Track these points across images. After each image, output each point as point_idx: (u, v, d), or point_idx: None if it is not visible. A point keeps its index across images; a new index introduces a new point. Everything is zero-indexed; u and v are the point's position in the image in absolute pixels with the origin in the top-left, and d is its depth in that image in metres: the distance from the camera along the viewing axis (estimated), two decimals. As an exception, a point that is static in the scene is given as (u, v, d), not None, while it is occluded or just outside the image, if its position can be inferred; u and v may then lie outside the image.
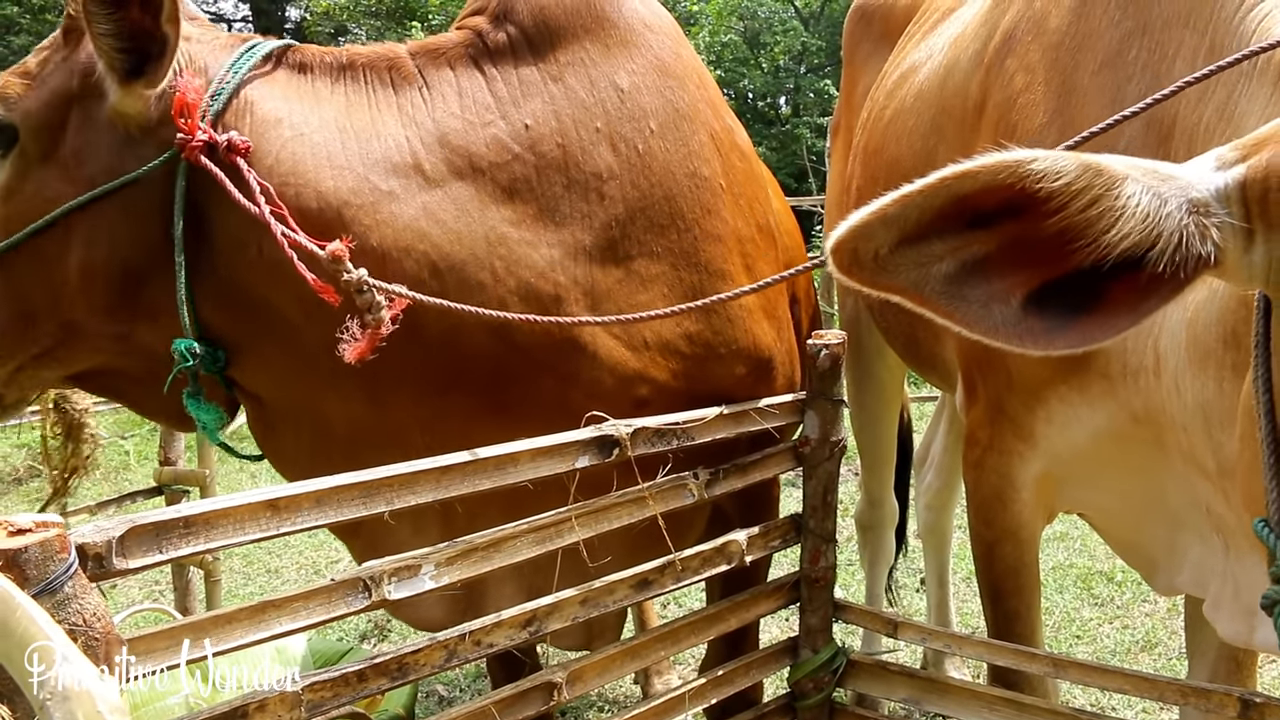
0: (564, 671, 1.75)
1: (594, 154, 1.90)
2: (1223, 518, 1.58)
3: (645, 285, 1.93)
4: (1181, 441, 1.58)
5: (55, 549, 1.10)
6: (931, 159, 2.36)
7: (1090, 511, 2.10)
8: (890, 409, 3.69)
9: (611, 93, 1.93)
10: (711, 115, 2.06)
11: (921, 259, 0.87)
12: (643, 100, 1.96)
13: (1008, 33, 2.02)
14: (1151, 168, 0.87)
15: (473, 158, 1.84)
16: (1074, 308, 0.89)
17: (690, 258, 1.96)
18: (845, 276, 0.87)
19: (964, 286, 0.89)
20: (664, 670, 3.73)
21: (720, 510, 2.11)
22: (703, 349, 1.99)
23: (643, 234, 1.92)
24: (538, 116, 1.89)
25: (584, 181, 1.89)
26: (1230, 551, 1.61)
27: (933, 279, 0.88)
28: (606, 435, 1.71)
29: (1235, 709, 1.69)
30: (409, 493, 1.50)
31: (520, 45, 1.93)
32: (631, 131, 1.93)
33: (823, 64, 23.90)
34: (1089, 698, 3.41)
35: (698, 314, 1.97)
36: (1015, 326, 0.89)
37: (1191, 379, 1.48)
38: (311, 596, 1.42)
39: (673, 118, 1.98)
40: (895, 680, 2.15)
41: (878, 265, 0.87)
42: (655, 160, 1.94)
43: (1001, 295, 0.89)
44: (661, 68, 2.00)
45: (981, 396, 2.04)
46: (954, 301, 0.89)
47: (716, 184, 2.01)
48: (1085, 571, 4.60)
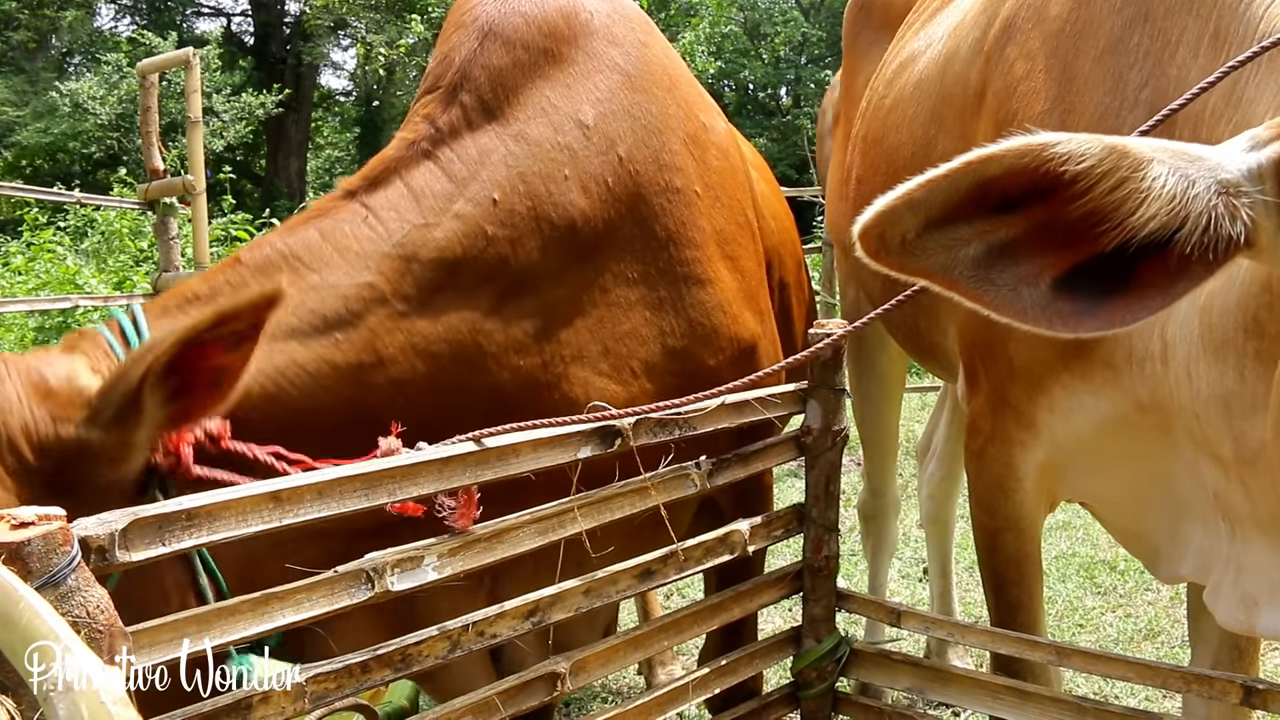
0: (567, 662, 1.75)
1: (565, 203, 1.86)
2: (1231, 503, 1.58)
3: (627, 313, 1.92)
4: (1192, 428, 1.57)
5: (58, 542, 1.10)
6: (931, 148, 2.35)
7: (1092, 500, 2.10)
8: (893, 399, 3.69)
9: (577, 132, 1.89)
10: (684, 117, 2.04)
11: (949, 243, 0.87)
12: (609, 128, 1.93)
13: (1008, 20, 2.02)
14: (1179, 149, 0.87)
15: (444, 263, 1.77)
16: (1103, 290, 0.89)
17: (668, 274, 1.96)
18: (874, 260, 0.87)
19: (992, 270, 0.88)
20: (667, 660, 3.74)
21: (709, 499, 2.11)
22: (691, 363, 1.99)
23: (616, 265, 1.91)
24: (503, 185, 1.82)
25: (558, 237, 1.86)
26: (1236, 536, 1.61)
27: (961, 263, 0.88)
28: (608, 426, 1.71)
29: (1238, 695, 1.70)
30: (411, 484, 1.50)
31: (475, 114, 1.87)
32: (600, 166, 1.90)
33: (823, 54, 23.86)
34: (1092, 686, 3.41)
35: (680, 327, 1.96)
36: (1044, 310, 0.89)
37: (1207, 367, 1.47)
38: (314, 588, 1.42)
39: (641, 135, 1.96)
40: (898, 669, 2.15)
41: (905, 249, 0.87)
42: (625, 188, 1.92)
43: (1030, 278, 0.89)
44: (628, 84, 1.97)
45: (983, 386, 2.04)
46: (982, 285, 0.89)
47: (691, 192, 2.00)
48: (1088, 560, 4.60)
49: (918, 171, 2.41)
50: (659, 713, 1.91)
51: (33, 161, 21.20)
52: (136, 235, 13.16)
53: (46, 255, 12.45)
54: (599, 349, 1.89)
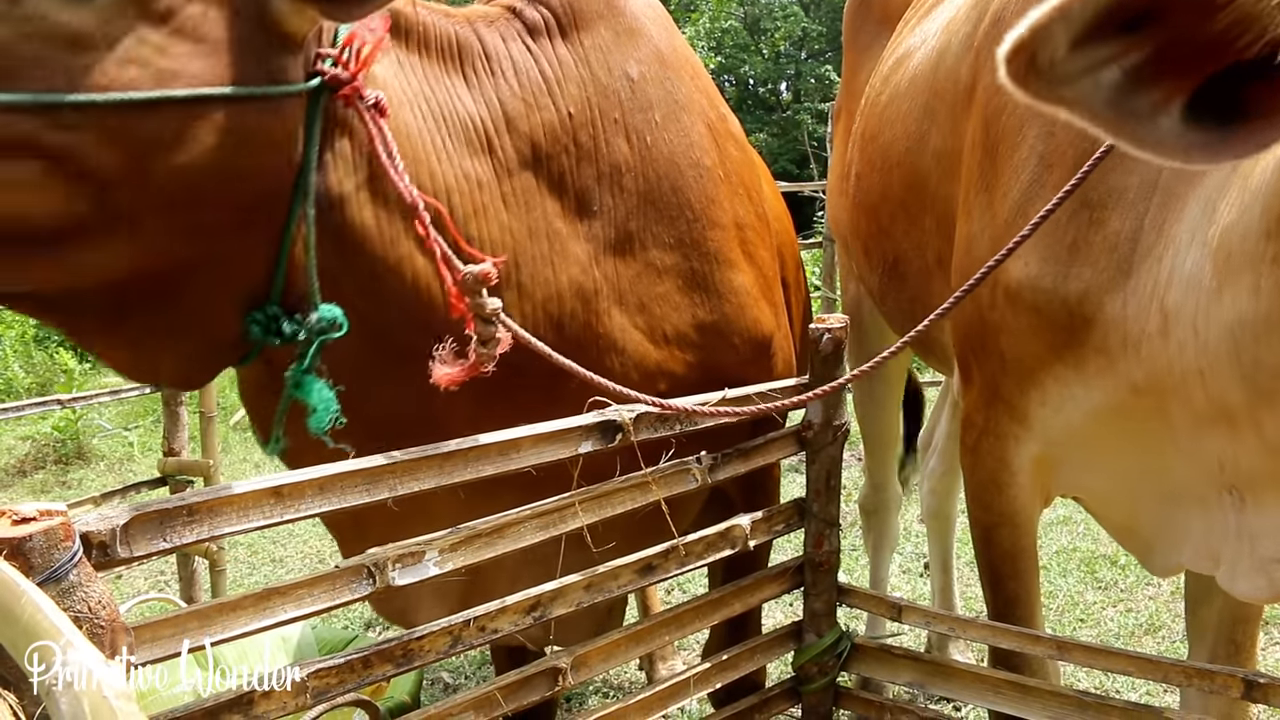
0: (568, 657, 1.75)
1: (615, 145, 1.88)
2: (1242, 464, 1.56)
3: (661, 277, 1.93)
4: (1195, 396, 1.56)
5: (59, 537, 1.10)
6: (924, 143, 2.35)
7: (1086, 495, 2.10)
8: (893, 393, 3.69)
9: (625, 82, 1.91)
10: (707, 105, 2.06)
11: (1090, 64, 0.85)
12: (649, 91, 1.94)
13: (997, 15, 2.01)
14: None
15: (534, 145, 1.79)
16: (1223, 121, 0.88)
17: (699, 247, 1.97)
18: (1020, 86, 0.85)
19: (1128, 99, 0.87)
20: (668, 655, 3.75)
21: (718, 491, 2.11)
22: (714, 337, 2.00)
23: (655, 225, 1.92)
24: (577, 104, 1.84)
25: (608, 174, 1.88)
26: (1247, 504, 1.60)
27: (1101, 89, 0.87)
28: (609, 420, 1.71)
29: (1239, 690, 1.70)
30: (412, 479, 1.50)
31: (552, 25, 1.88)
32: (641, 123, 1.92)
33: (823, 49, 23.84)
34: (1093, 680, 3.42)
35: (708, 303, 1.97)
36: (1180, 140, 0.88)
37: (1221, 302, 1.45)
38: (316, 583, 1.42)
39: (673, 109, 1.97)
40: (900, 664, 2.15)
41: (1052, 74, 0.85)
42: (660, 151, 1.93)
43: (1163, 104, 0.88)
44: (660, 58, 1.99)
45: (976, 380, 2.04)
46: (1121, 115, 0.88)
47: (717, 174, 2.01)
48: (1089, 555, 4.60)
49: (912, 167, 2.43)
50: (660, 708, 1.92)
51: (33, 158, 21.19)
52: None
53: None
54: (637, 302, 1.89)
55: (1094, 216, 1.70)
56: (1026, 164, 1.83)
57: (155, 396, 4.56)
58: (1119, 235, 1.67)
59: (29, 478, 7.13)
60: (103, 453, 7.63)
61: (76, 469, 7.27)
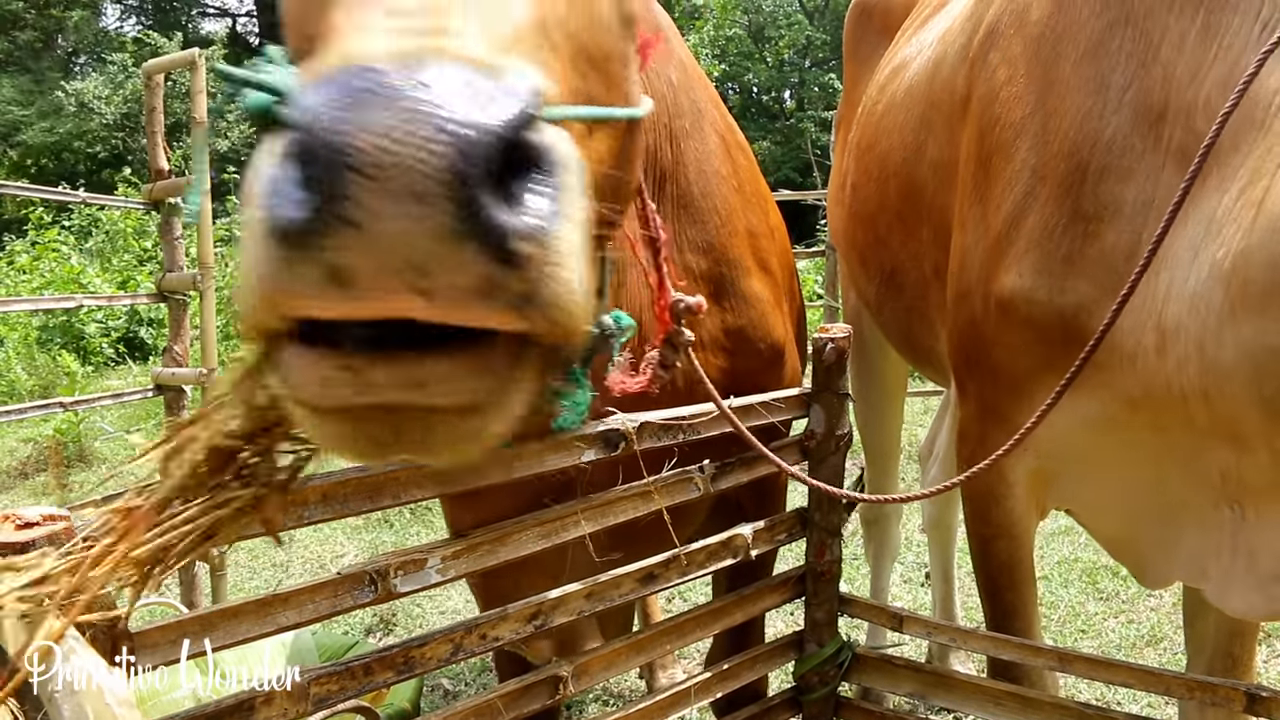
0: (569, 665, 1.75)
1: (664, 148, 1.92)
2: (1247, 480, 1.56)
3: (696, 282, 1.95)
4: (1196, 413, 1.55)
5: (62, 542, 1.10)
6: (921, 154, 2.36)
7: (1079, 507, 2.09)
8: (895, 403, 3.69)
9: (667, 87, 1.95)
10: (719, 116, 2.09)
11: None
12: (679, 98, 1.98)
13: (991, 26, 2.02)
14: None
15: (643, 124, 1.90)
16: None
17: (725, 253, 1.99)
18: None
19: None
20: (669, 664, 3.74)
21: (725, 498, 2.11)
22: (741, 343, 2.02)
23: (689, 229, 1.95)
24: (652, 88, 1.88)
25: (656, 178, 1.91)
26: (1247, 520, 1.59)
27: None
28: (612, 429, 1.71)
29: (1242, 703, 1.69)
30: (415, 487, 1.50)
31: None
32: (678, 129, 1.95)
33: (827, 58, 23.87)
34: (1094, 692, 3.41)
35: (735, 308, 2.00)
36: None
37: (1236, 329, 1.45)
38: (318, 590, 1.42)
39: (697, 117, 2.01)
40: (901, 674, 2.15)
41: None
42: (691, 158, 1.97)
43: None
44: (684, 66, 2.02)
45: (971, 392, 2.04)
46: None
47: (733, 182, 2.04)
48: (1090, 566, 4.59)
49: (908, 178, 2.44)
50: (661, 716, 1.91)
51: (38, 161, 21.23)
52: (140, 235, 13.19)
53: (51, 254, 12.49)
54: None
55: (1089, 229, 1.70)
56: (1019, 176, 1.83)
57: (157, 400, 4.55)
58: (1115, 249, 1.66)
59: (30, 480, 7.13)
60: (104, 455, 7.63)
61: (78, 472, 7.28)
